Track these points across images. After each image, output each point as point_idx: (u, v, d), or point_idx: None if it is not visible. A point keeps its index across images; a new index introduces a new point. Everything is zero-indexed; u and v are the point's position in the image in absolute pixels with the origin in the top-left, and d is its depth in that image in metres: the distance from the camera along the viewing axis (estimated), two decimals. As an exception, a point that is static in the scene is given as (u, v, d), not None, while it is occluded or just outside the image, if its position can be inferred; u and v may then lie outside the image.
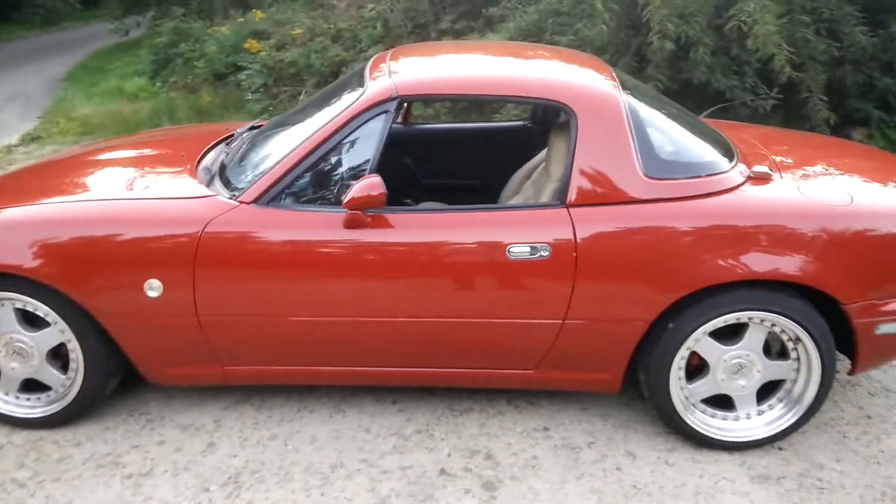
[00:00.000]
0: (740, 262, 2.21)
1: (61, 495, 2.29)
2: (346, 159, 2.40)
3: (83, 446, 2.52)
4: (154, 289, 2.31)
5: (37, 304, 2.39)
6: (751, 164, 2.43)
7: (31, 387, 2.57)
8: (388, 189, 2.20)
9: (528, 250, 2.25)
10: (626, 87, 2.50)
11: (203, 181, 2.51)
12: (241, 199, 2.34)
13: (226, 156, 2.69)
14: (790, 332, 2.31)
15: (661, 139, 2.36)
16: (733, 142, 2.62)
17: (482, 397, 2.76)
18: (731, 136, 2.72)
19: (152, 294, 2.32)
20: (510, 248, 2.26)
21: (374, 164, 2.31)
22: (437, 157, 3.52)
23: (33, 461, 2.44)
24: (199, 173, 2.58)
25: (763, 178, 2.35)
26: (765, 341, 2.38)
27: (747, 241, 2.22)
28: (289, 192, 2.36)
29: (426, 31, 7.33)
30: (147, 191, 2.50)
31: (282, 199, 2.35)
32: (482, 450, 2.49)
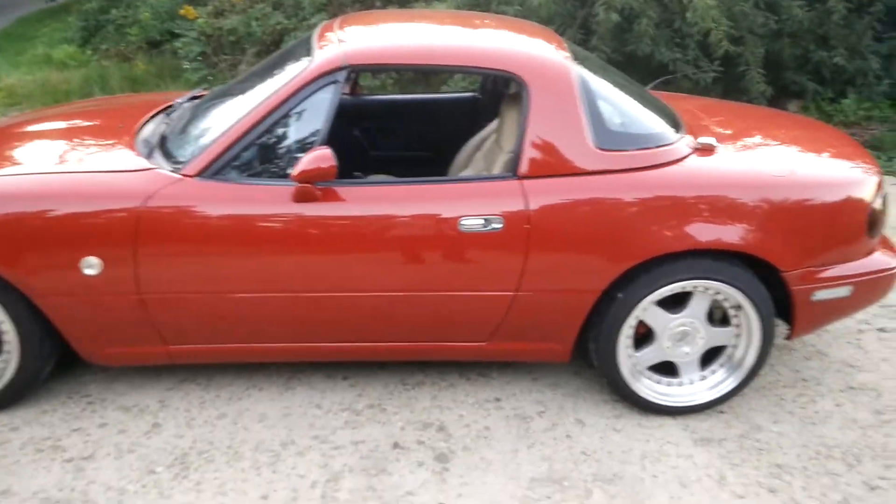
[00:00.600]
0: (687, 233, 2.26)
1: (-1, 482, 2.20)
2: (295, 131, 2.33)
3: (20, 430, 2.42)
4: (92, 266, 2.21)
5: (-34, 284, 2.26)
6: (696, 136, 2.47)
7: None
8: (338, 162, 2.15)
9: (482, 223, 2.24)
10: (577, 58, 2.50)
11: (142, 154, 2.40)
12: (185, 172, 2.25)
13: (166, 127, 2.59)
14: (732, 299, 2.38)
15: (612, 111, 2.38)
16: (679, 113, 2.65)
17: (434, 370, 2.76)
18: (676, 108, 2.76)
19: (89, 272, 2.22)
20: (462, 221, 2.24)
21: (324, 135, 2.25)
22: (387, 129, 3.47)
23: (-33, 448, 2.34)
24: (138, 145, 2.47)
25: (708, 150, 2.40)
26: (708, 309, 2.45)
27: (693, 212, 2.26)
28: (234, 164, 2.28)
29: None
30: (82, 164, 2.38)
31: (227, 172, 2.27)
32: (434, 422, 2.50)
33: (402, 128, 3.47)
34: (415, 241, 2.27)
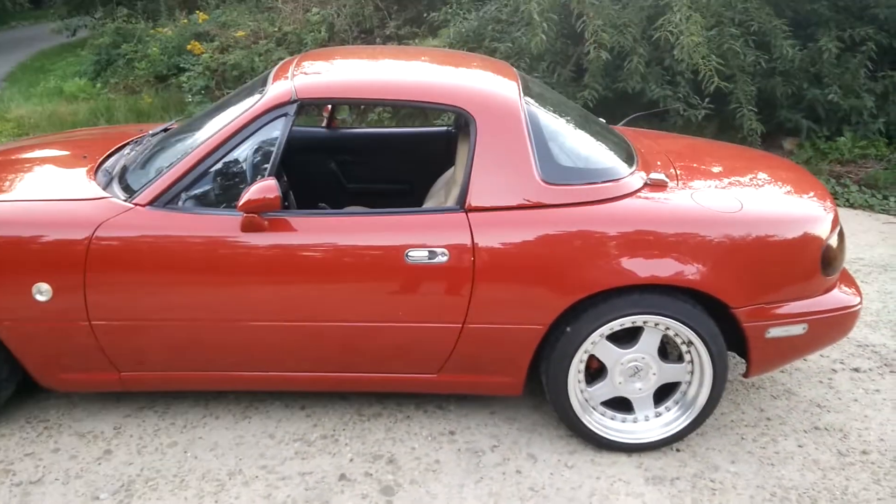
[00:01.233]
0: (633, 267, 2.25)
1: (-57, 505, 2.22)
2: (245, 162, 2.38)
3: (-26, 455, 2.45)
4: (42, 293, 2.25)
5: (-77, 308, 2.31)
6: (649, 171, 2.47)
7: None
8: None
9: (427, 254, 2.26)
10: (531, 93, 2.53)
11: (101, 183, 2.46)
12: (136, 201, 2.30)
13: (128, 158, 2.65)
14: (683, 335, 2.35)
15: (561, 145, 2.39)
16: (637, 149, 2.66)
17: (392, 402, 2.75)
18: (641, 145, 2.77)
19: (41, 298, 2.26)
20: (409, 252, 2.26)
21: (273, 167, 2.29)
22: (365, 162, 3.51)
23: (-82, 470, 2.36)
24: (99, 175, 2.53)
25: (659, 185, 2.40)
26: (663, 345, 2.43)
27: (640, 247, 2.26)
28: (187, 194, 2.33)
29: (371, 35, 7.34)
30: (39, 192, 2.44)
31: (179, 201, 2.31)
32: (385, 454, 2.48)
33: (381, 161, 3.52)
34: (361, 271, 2.29)
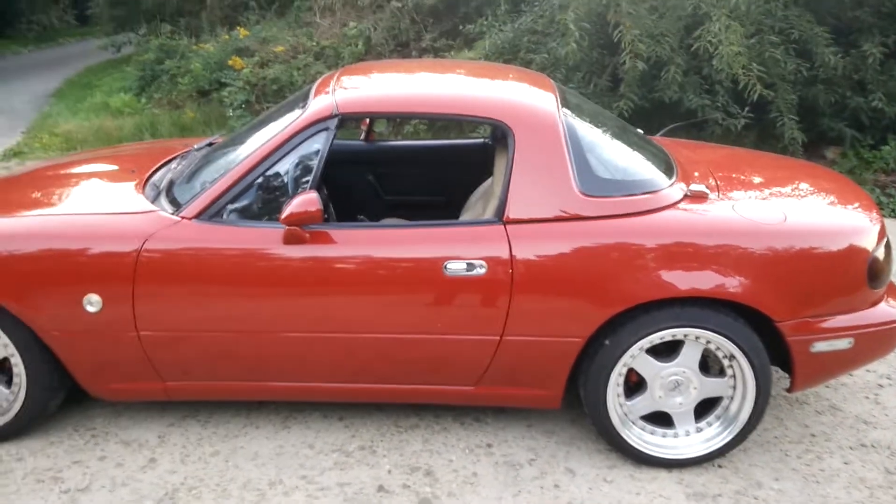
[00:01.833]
0: (673, 280, 2.23)
1: (-3, 510, 2.29)
2: (288, 175, 2.42)
3: (25, 461, 2.52)
4: (93, 304, 2.32)
5: (-21, 318, 2.40)
6: (689, 183, 2.45)
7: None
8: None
9: (465, 266, 2.27)
10: (568, 105, 2.53)
11: (149, 197, 2.53)
12: (183, 214, 2.36)
13: (174, 172, 2.72)
14: (724, 349, 2.32)
15: (599, 157, 2.39)
16: (676, 160, 2.64)
17: (429, 413, 2.76)
18: (680, 156, 2.75)
19: (91, 309, 2.33)
20: (447, 265, 2.27)
21: (315, 180, 2.33)
22: (403, 174, 3.55)
23: (-27, 475, 2.44)
24: (147, 189, 2.60)
25: (699, 197, 2.37)
26: (704, 359, 2.40)
27: (680, 259, 2.24)
28: (231, 207, 2.38)
29: (407, 48, 7.42)
30: (90, 206, 2.52)
31: (224, 214, 2.37)
32: (423, 466, 2.49)
33: (418, 173, 3.55)
34: (400, 284, 2.31)
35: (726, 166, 2.83)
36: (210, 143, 3.08)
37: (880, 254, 2.37)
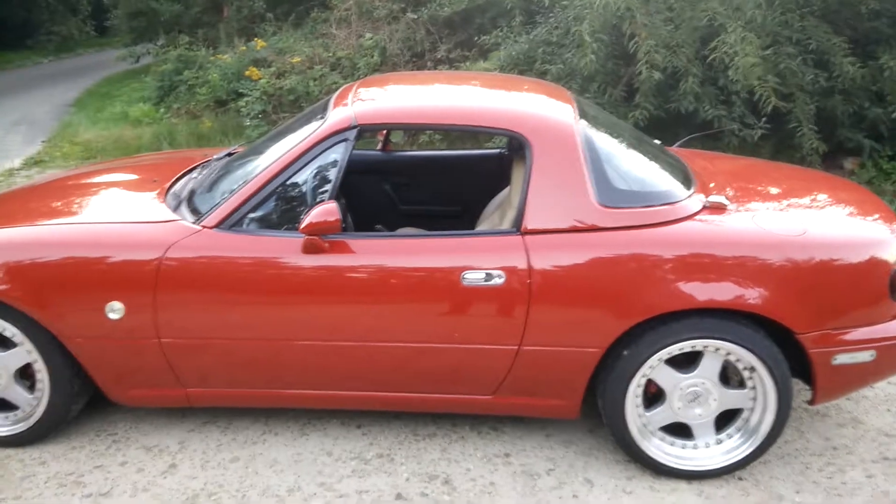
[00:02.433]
0: (692, 291, 2.22)
1: (19, 514, 2.31)
2: (307, 186, 2.45)
3: (48, 465, 2.55)
4: (115, 311, 2.35)
5: (4, 324, 2.44)
6: (708, 194, 2.45)
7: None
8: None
9: (483, 276, 2.28)
10: (586, 116, 2.54)
11: (170, 206, 2.56)
12: (204, 223, 2.39)
13: (195, 182, 2.75)
14: (745, 361, 2.31)
15: (617, 168, 2.40)
16: (694, 171, 2.64)
17: (446, 422, 2.77)
18: (697, 166, 2.74)
19: (113, 316, 2.36)
20: (465, 274, 2.28)
21: (334, 190, 2.35)
22: (419, 185, 3.57)
23: (-4, 479, 2.47)
24: (168, 198, 2.64)
25: (718, 208, 2.37)
26: (725, 370, 2.39)
27: (699, 270, 2.24)
28: (251, 217, 2.40)
29: (423, 59, 7.45)
30: (113, 214, 2.56)
31: (244, 224, 2.39)
32: (441, 475, 2.49)
33: (434, 183, 3.57)
34: (418, 293, 2.32)
35: (744, 177, 2.83)
36: (230, 154, 3.11)
37: (902, 265, 2.35)
